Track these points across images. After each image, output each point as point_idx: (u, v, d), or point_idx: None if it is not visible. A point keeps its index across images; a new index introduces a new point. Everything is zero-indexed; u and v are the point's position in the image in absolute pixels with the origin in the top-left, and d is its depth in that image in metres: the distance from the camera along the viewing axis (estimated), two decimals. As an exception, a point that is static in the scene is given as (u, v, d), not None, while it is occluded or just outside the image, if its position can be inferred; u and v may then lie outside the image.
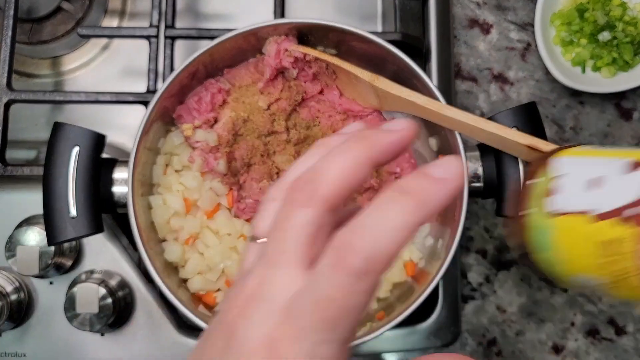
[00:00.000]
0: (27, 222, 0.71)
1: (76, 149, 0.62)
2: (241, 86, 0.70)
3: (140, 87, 0.76)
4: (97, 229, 0.63)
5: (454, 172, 0.30)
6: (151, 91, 0.74)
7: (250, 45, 0.69)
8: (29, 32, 0.83)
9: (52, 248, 0.68)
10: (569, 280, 0.40)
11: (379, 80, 0.65)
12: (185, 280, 0.68)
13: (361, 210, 0.28)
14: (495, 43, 0.90)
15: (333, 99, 0.73)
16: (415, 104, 0.63)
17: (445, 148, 0.69)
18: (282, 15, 0.77)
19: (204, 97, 0.68)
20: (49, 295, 0.72)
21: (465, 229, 0.84)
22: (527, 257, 0.40)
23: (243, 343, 0.29)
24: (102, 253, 0.75)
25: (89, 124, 0.64)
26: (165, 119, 0.69)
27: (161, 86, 0.64)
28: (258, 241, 0.33)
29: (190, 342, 0.75)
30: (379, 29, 0.87)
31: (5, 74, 0.72)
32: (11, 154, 0.73)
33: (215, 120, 0.69)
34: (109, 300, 0.70)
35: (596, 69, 0.86)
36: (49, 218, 0.62)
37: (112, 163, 0.65)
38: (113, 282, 0.73)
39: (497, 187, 0.64)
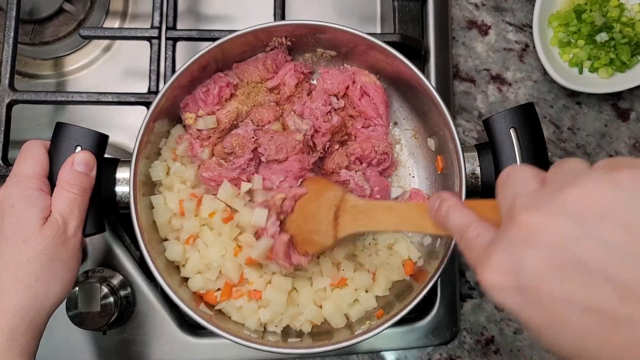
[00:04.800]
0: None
1: (78, 149, 0.62)
2: (249, 82, 0.71)
3: (142, 87, 0.77)
4: (99, 228, 0.63)
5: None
6: (152, 92, 0.75)
7: (259, 41, 0.70)
8: (31, 33, 0.84)
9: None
10: None
11: (345, 230, 0.62)
12: (186, 280, 0.68)
13: None
14: (494, 44, 0.91)
15: (354, 98, 0.73)
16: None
17: (444, 148, 0.70)
18: (283, 17, 0.77)
19: (211, 89, 0.69)
20: (52, 294, 0.73)
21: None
22: None
23: None
24: (104, 252, 0.75)
25: (91, 124, 0.65)
26: (166, 118, 0.69)
27: (163, 86, 0.64)
28: None
29: (191, 340, 0.76)
30: (378, 30, 0.88)
31: (8, 75, 0.73)
32: (14, 154, 0.73)
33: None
34: (111, 299, 0.71)
35: (593, 69, 0.86)
36: (52, 217, 0.62)
37: (114, 163, 0.65)
38: (115, 281, 0.74)
39: (495, 187, 0.64)
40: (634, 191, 0.31)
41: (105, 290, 0.71)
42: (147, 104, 0.72)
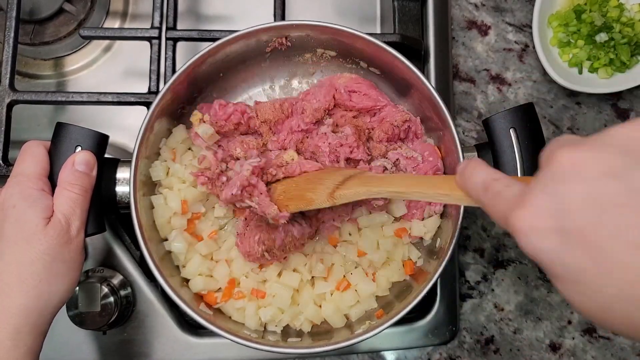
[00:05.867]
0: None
1: (78, 149, 0.62)
2: (264, 120, 0.71)
3: (142, 87, 0.77)
4: (99, 228, 0.63)
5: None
6: (152, 92, 0.75)
7: (259, 42, 0.71)
8: (31, 33, 0.84)
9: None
10: None
11: (341, 197, 0.58)
12: (186, 280, 0.69)
13: None
14: (493, 44, 0.91)
15: (345, 102, 0.73)
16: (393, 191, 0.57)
17: (444, 148, 0.70)
18: (283, 17, 0.77)
19: (228, 107, 0.70)
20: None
21: (462, 228, 0.85)
22: None
23: None
24: (104, 252, 0.76)
25: (91, 124, 0.65)
26: (167, 118, 0.69)
27: (163, 86, 0.64)
28: None
29: (191, 340, 0.76)
30: (378, 30, 0.88)
31: (8, 75, 0.73)
32: (14, 154, 0.74)
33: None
34: (111, 299, 0.71)
35: (593, 70, 0.86)
36: (52, 217, 0.62)
37: (114, 163, 0.65)
38: (115, 281, 0.74)
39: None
40: None
41: (105, 290, 0.71)
42: (147, 104, 0.73)
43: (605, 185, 0.28)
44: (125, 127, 0.82)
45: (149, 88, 0.75)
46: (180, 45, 0.77)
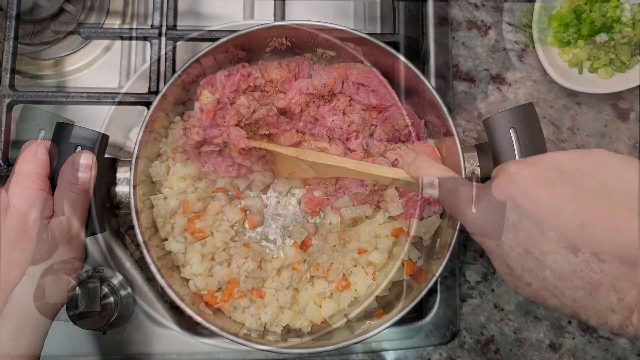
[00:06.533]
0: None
1: (78, 149, 0.62)
2: (270, 80, 0.71)
3: (142, 88, 0.77)
4: (99, 228, 0.63)
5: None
6: (152, 92, 0.75)
7: (259, 42, 0.71)
8: (31, 33, 0.84)
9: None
10: None
11: (305, 153, 0.65)
12: (186, 280, 0.69)
13: None
14: (493, 44, 0.91)
15: (351, 94, 0.73)
16: (346, 168, 0.64)
17: (444, 149, 0.70)
18: (283, 17, 0.77)
19: (233, 74, 0.69)
20: (52, 293, 0.73)
21: (462, 228, 0.85)
22: None
23: None
24: (104, 252, 0.76)
25: (91, 124, 0.65)
26: (167, 118, 0.69)
27: (163, 86, 0.64)
28: None
29: (191, 340, 0.76)
30: (378, 30, 0.88)
31: (8, 75, 0.73)
32: (14, 154, 0.74)
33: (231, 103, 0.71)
34: (111, 299, 0.71)
35: (593, 70, 0.86)
36: (52, 217, 0.62)
37: (114, 163, 0.66)
38: (115, 281, 0.74)
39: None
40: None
41: (105, 290, 0.71)
42: (147, 104, 0.73)
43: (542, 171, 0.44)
44: (125, 127, 0.82)
45: (149, 88, 0.75)
46: (180, 45, 0.77)
